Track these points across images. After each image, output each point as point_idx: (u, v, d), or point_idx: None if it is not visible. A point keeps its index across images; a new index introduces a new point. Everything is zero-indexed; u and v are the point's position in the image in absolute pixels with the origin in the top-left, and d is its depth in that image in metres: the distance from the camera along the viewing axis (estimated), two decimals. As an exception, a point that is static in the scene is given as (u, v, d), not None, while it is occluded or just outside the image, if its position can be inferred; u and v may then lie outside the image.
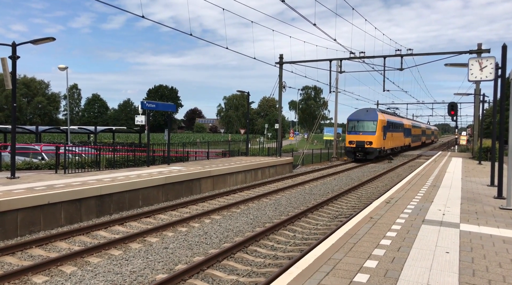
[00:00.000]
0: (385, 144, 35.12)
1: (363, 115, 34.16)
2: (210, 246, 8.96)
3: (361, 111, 35.29)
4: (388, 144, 36.17)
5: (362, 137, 33.07)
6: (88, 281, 6.82)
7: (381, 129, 33.26)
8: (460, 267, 5.69)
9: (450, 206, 10.46)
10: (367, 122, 33.35)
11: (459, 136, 53.25)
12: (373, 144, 32.52)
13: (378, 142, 32.94)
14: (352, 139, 33.57)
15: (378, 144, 32.87)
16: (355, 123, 34.06)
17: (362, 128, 33.46)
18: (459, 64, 16.54)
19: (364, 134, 32.98)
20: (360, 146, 33.09)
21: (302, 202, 14.63)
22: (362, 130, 33.35)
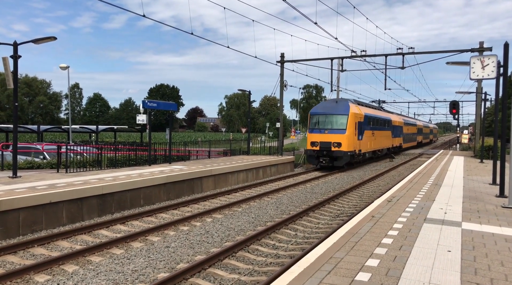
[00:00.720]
0: (362, 145, 26.76)
1: (330, 107, 25.75)
2: (212, 245, 8.97)
3: (329, 102, 27.36)
4: (366, 145, 27.96)
5: (327, 137, 24.55)
6: (90, 280, 6.83)
7: (354, 126, 25.02)
8: (462, 266, 5.69)
9: (452, 204, 10.44)
10: (335, 116, 24.95)
11: (460, 134, 53.17)
12: (343, 146, 24.00)
13: (350, 143, 24.54)
14: (314, 139, 24.99)
15: (349, 145, 24.45)
16: (319, 117, 25.50)
17: (328, 124, 24.93)
18: (461, 63, 16.51)
19: (330, 132, 24.53)
20: (325, 149, 24.47)
21: (304, 200, 14.63)
22: (328, 127, 24.83)
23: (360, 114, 26.52)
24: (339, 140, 24.19)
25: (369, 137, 28.57)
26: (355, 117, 25.26)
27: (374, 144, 30.23)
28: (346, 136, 24.31)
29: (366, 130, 27.75)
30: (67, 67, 28.41)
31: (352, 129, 24.83)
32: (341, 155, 24.14)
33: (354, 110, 25.47)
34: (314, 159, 25.39)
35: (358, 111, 26.21)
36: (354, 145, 25.18)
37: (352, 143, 24.77)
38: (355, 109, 25.91)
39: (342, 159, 24.32)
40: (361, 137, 26.55)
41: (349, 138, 24.47)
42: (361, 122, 26.32)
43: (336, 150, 24.18)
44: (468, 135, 50.29)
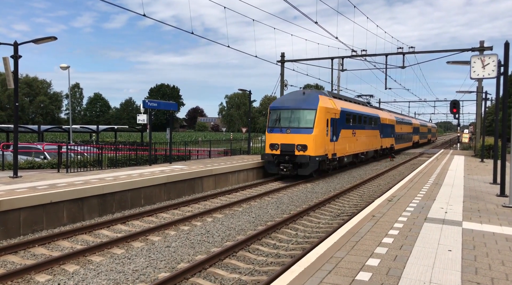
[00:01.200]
0: (338, 148, 21.68)
1: (295, 100, 20.23)
2: (212, 245, 8.97)
3: (294, 94, 21.55)
4: (344, 148, 22.91)
5: (290, 138, 19.20)
6: (90, 279, 6.83)
7: (325, 124, 19.74)
8: (462, 265, 5.68)
9: (453, 204, 10.44)
10: (299, 111, 19.57)
11: (461, 134, 53.16)
12: (309, 149, 18.70)
13: (319, 146, 19.15)
14: (274, 140, 19.58)
15: (318, 148, 19.04)
16: (280, 113, 19.97)
17: (291, 122, 19.61)
18: (461, 62, 16.50)
19: (294, 132, 19.22)
20: (286, 153, 19.09)
21: (304, 200, 14.63)
22: (290, 125, 19.49)
23: (335, 109, 21.12)
24: (305, 142, 18.76)
25: (348, 137, 23.35)
26: (326, 112, 19.77)
27: (355, 146, 25.08)
28: (313, 136, 18.74)
29: (344, 129, 22.52)
30: (67, 67, 28.43)
31: (322, 127, 19.42)
32: (307, 161, 18.60)
33: (325, 104, 19.88)
34: (273, 166, 19.59)
35: (331, 106, 20.79)
36: (326, 148, 19.80)
37: (321, 145, 19.32)
38: (326, 102, 20.38)
39: (308, 166, 18.83)
40: (336, 137, 21.28)
41: (318, 139, 18.95)
42: (335, 119, 21.02)
43: (300, 155, 18.67)
44: (468, 134, 50.28)
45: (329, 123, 20.24)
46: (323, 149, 19.62)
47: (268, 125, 20.41)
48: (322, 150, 19.44)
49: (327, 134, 19.95)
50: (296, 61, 32.17)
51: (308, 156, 18.66)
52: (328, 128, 20.09)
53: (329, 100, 21.21)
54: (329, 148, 20.38)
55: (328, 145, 20.21)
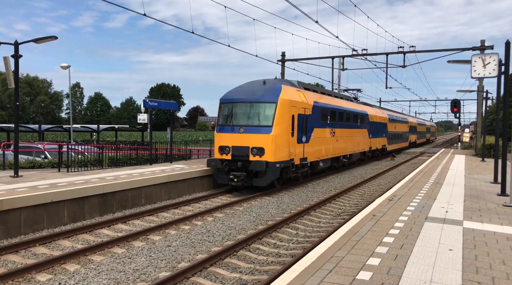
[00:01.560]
0: (310, 151, 17.77)
1: (251, 91, 16.19)
2: (213, 244, 8.97)
3: (251, 84, 17.14)
4: (319, 150, 19.01)
5: (244, 139, 15.30)
6: (91, 279, 6.84)
7: (289, 121, 15.83)
8: (463, 265, 5.68)
9: (453, 203, 10.43)
10: (255, 105, 15.63)
11: (462, 133, 53.14)
12: (267, 152, 14.83)
13: (281, 149, 15.30)
14: (224, 142, 15.65)
15: (279, 152, 15.20)
16: (232, 107, 15.98)
17: (245, 118, 15.67)
18: (462, 61, 16.48)
19: (248, 131, 15.28)
20: (239, 158, 15.27)
21: (305, 199, 14.63)
22: (244, 122, 15.57)
23: (305, 103, 17.24)
24: (261, 144, 14.79)
25: (323, 138, 19.46)
26: (291, 107, 15.90)
27: (335, 147, 21.25)
28: (272, 137, 14.78)
29: (318, 128, 18.84)
30: (68, 67, 28.44)
31: (286, 125, 15.47)
32: (263, 169, 14.52)
33: (290, 96, 15.91)
34: (223, 175, 15.43)
35: (300, 99, 16.84)
36: (291, 152, 15.87)
37: (284, 148, 15.38)
38: (293, 95, 16.42)
39: (266, 175, 14.75)
40: (307, 138, 17.45)
41: (279, 140, 15.06)
42: (306, 116, 17.25)
43: (256, 161, 14.62)
44: (469, 133, 50.27)
45: (296, 120, 16.25)
46: (287, 153, 15.59)
47: (217, 122, 16.24)
48: (285, 154, 15.43)
49: (292, 134, 15.93)
50: (296, 61, 32.15)
51: (266, 162, 14.56)
52: (294, 126, 16.12)
53: (298, 92, 17.21)
54: (297, 151, 16.42)
55: (295, 148, 16.26)
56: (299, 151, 16.79)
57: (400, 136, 41.90)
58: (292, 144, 16.01)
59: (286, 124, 15.58)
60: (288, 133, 15.72)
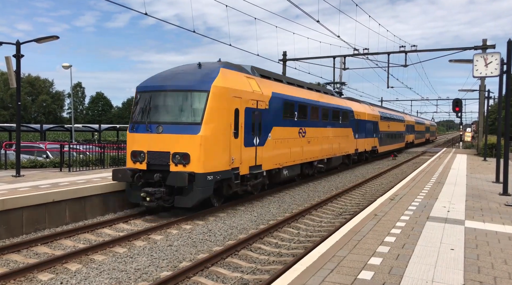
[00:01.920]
0: (264, 156, 13.95)
1: (176, 76, 12.04)
2: (214, 244, 8.98)
3: (182, 68, 12.97)
4: (278, 155, 15.05)
5: (162, 141, 11.18)
6: (93, 278, 6.85)
7: (228, 116, 11.81)
8: (465, 264, 5.67)
9: (455, 203, 10.41)
10: (178, 95, 11.49)
11: (463, 132, 53.08)
12: (194, 161, 10.79)
13: (214, 155, 11.19)
14: (138, 146, 11.49)
15: (211, 159, 11.10)
16: (150, 98, 11.75)
17: (163, 112, 11.55)
18: (463, 60, 16.45)
19: (168, 130, 11.20)
20: (155, 168, 11.17)
21: (306, 199, 14.62)
22: (164, 119, 11.43)
23: (257, 93, 13.19)
24: (186, 149, 10.83)
25: (288, 139, 15.63)
26: (232, 98, 11.82)
27: (306, 151, 17.34)
28: (201, 138, 10.79)
29: (280, 127, 14.93)
30: (69, 66, 28.50)
31: (223, 122, 11.45)
32: (186, 184, 10.43)
33: (230, 84, 11.90)
34: (136, 191, 11.24)
35: (248, 87, 12.78)
36: (233, 158, 11.86)
37: (221, 153, 11.37)
38: (236, 81, 12.32)
39: (193, 192, 10.74)
40: (262, 139, 13.51)
41: (212, 142, 11.06)
42: (259, 111, 13.24)
43: (176, 172, 10.61)
44: (471, 133, 50.21)
45: (243, 116, 12.24)
46: (226, 160, 11.42)
47: (131, 118, 11.98)
48: (222, 162, 11.29)
49: (236, 135, 11.85)
50: (298, 60, 32.16)
51: (191, 173, 10.42)
52: (240, 124, 12.05)
53: (247, 79, 13.05)
54: (244, 157, 12.37)
55: (240, 153, 12.16)
56: (248, 157, 12.72)
57: (395, 136, 38.37)
58: (235, 147, 11.85)
59: (225, 121, 11.38)
60: (228, 133, 11.51)
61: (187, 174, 10.36)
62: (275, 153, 14.68)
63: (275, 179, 15.32)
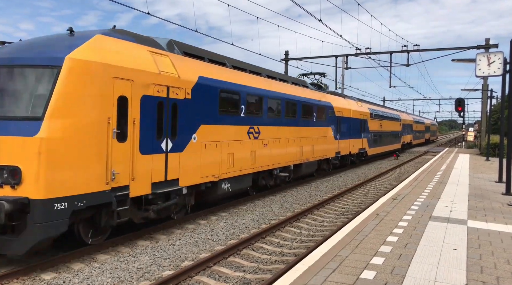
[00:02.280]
0: (183, 167, 9.90)
1: (28, 46, 7.82)
2: (217, 243, 8.99)
3: (46, 37, 8.34)
4: (211, 164, 11.04)
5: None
6: (95, 277, 6.86)
7: (106, 107, 7.76)
8: (468, 264, 5.66)
9: (458, 202, 10.39)
10: (13, 70, 7.39)
11: (466, 132, 52.98)
12: (26, 179, 6.70)
13: (70, 168, 7.05)
14: None
15: (63, 176, 6.94)
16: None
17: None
18: (466, 60, 16.41)
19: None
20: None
21: (308, 199, 14.62)
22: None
23: (170, 76, 9.57)
24: (15, 160, 6.83)
25: (228, 141, 11.90)
26: (112, 79, 7.98)
27: (259, 156, 13.55)
28: (43, 143, 6.80)
29: (214, 125, 11.27)
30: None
31: (95, 117, 7.60)
32: (1, 220, 6.37)
33: (105, 57, 7.93)
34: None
35: (150, 66, 9.03)
36: (115, 173, 7.96)
37: (90, 165, 7.46)
38: (120, 54, 8.34)
39: (27, 232, 6.68)
40: (179, 143, 9.92)
41: (69, 148, 7.11)
42: (173, 101, 9.69)
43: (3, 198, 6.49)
44: (473, 132, 50.09)
45: (138, 108, 8.63)
46: (98, 176, 7.67)
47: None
48: (91, 178, 7.54)
49: (121, 136, 8.20)
50: (300, 59, 32.14)
51: (21, 201, 6.66)
52: (129, 120, 8.42)
53: (150, 54, 9.26)
54: (142, 169, 8.70)
55: (133, 164, 8.46)
56: (150, 169, 8.86)
57: (390, 137, 34.76)
58: (120, 156, 8.09)
59: (95, 115, 7.60)
60: (103, 133, 7.75)
61: (22, 201, 6.56)
62: (204, 161, 10.71)
63: (208, 196, 11.45)
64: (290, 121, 15.85)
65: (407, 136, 44.61)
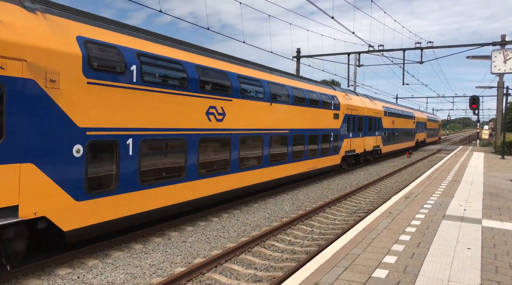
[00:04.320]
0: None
1: None
2: (228, 240, 9.02)
3: None
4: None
5: None
6: (108, 273, 6.95)
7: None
8: (482, 264, 5.59)
9: (472, 201, 10.26)
10: None
11: (480, 130, 52.17)
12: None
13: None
14: None
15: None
16: None
17: None
18: (481, 57, 16.17)
19: None
20: None
21: (320, 197, 14.57)
22: None
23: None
24: None
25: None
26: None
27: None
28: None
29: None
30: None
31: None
32: None
33: None
34: None
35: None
36: None
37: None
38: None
39: None
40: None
41: None
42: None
43: None
44: (488, 130, 49.32)
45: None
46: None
47: None
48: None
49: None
50: (312, 57, 31.97)
51: None
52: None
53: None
54: None
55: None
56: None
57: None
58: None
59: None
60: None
61: None
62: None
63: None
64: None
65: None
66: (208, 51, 11.43)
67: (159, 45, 9.32)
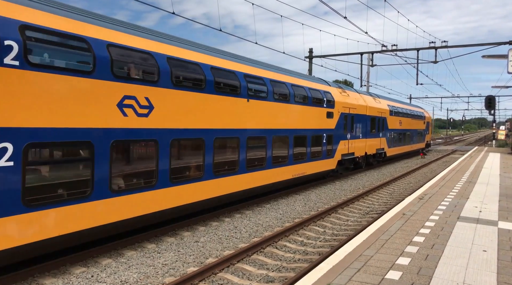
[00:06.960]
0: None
1: None
2: (240, 241, 9.03)
3: None
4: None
5: None
6: (122, 272, 7.02)
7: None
8: (498, 266, 5.50)
9: (487, 203, 10.10)
10: None
11: (497, 130, 51.31)
12: None
13: None
14: None
15: None
16: None
17: None
18: (497, 56, 15.89)
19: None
20: None
21: (332, 197, 14.49)
22: None
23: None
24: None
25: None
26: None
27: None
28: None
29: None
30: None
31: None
32: None
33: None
34: None
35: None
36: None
37: None
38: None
39: None
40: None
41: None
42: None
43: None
44: (505, 131, 48.47)
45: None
46: None
47: None
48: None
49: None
50: (324, 57, 31.83)
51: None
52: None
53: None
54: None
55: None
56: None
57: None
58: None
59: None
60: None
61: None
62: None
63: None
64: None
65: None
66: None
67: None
